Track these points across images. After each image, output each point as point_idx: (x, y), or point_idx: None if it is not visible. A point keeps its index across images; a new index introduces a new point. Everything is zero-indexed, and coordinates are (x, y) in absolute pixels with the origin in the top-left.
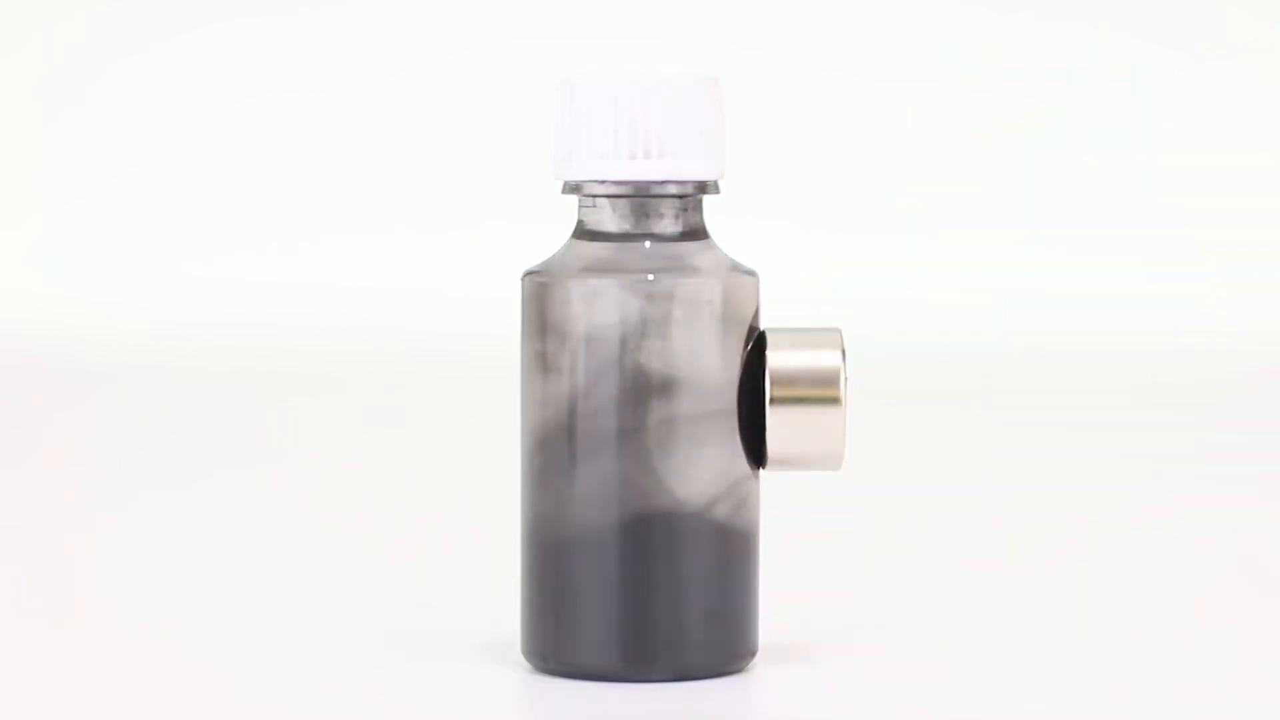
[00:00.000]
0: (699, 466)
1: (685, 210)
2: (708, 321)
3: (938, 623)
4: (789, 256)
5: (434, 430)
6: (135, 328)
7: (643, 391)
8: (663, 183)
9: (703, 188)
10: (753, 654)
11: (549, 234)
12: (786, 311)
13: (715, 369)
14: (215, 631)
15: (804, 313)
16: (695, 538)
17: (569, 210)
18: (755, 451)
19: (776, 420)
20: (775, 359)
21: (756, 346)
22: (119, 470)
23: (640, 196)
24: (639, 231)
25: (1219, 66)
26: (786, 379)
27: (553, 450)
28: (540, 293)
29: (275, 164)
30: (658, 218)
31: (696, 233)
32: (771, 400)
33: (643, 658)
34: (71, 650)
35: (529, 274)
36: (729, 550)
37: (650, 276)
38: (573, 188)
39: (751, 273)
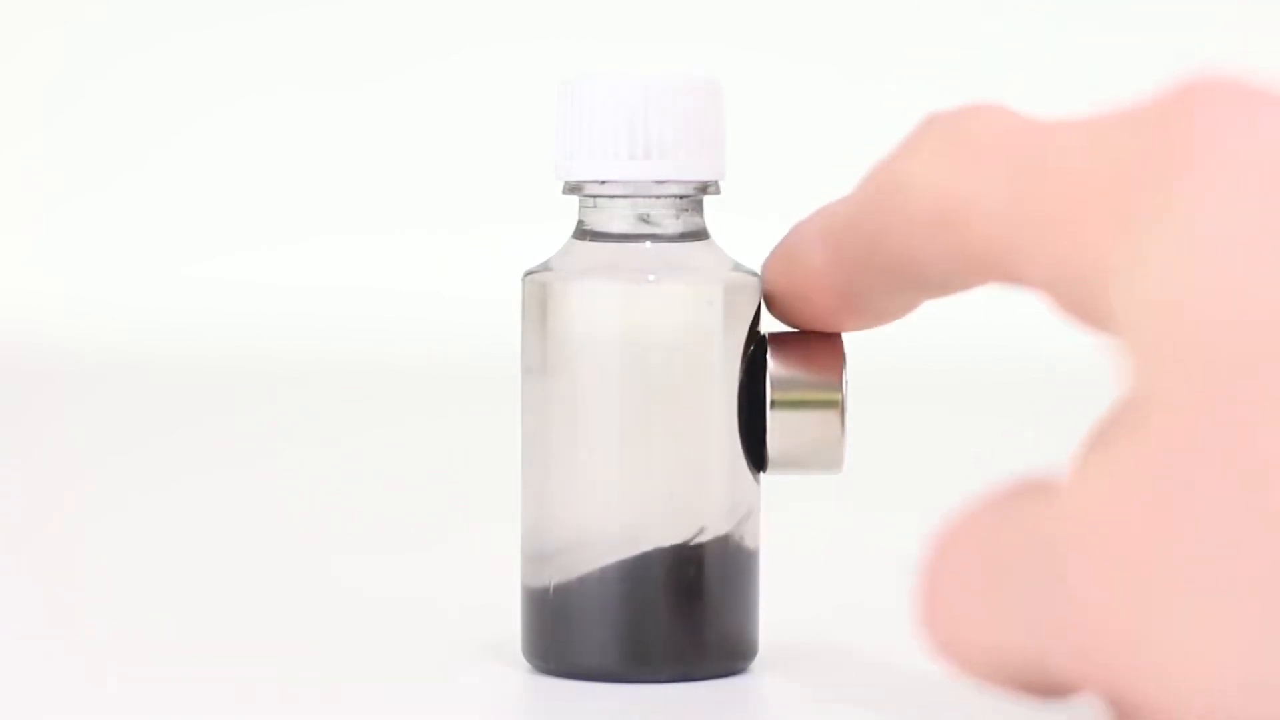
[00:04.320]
0: (700, 474)
1: (686, 210)
2: (709, 322)
3: None
4: None
5: (434, 430)
6: (135, 328)
7: (645, 393)
8: (664, 183)
9: (704, 188)
10: (753, 655)
11: (549, 234)
12: None
13: (717, 371)
14: (214, 630)
15: None
16: (697, 544)
17: (569, 210)
18: (756, 455)
19: (777, 423)
20: (776, 362)
21: (757, 349)
22: (118, 470)
23: (641, 197)
24: (640, 232)
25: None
26: (787, 383)
27: (554, 452)
28: (541, 293)
29: (275, 164)
30: (659, 218)
31: (697, 233)
32: (772, 404)
33: (643, 659)
34: (69, 650)
35: (529, 274)
36: (730, 553)
37: (651, 277)
38: (573, 188)
39: (753, 273)
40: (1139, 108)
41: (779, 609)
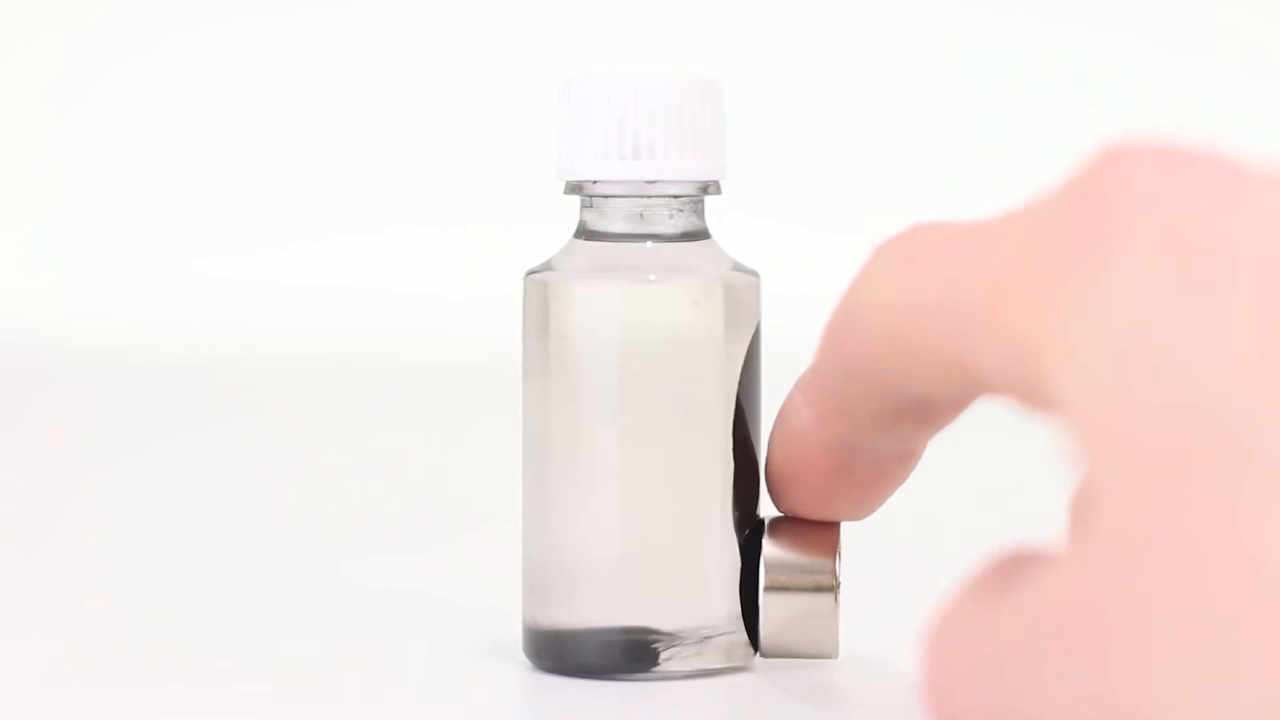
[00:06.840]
0: (702, 473)
1: (682, 210)
2: (709, 322)
3: None
4: (790, 256)
5: (435, 431)
6: (135, 328)
7: (645, 392)
8: (655, 183)
9: (704, 188)
10: (753, 654)
11: (550, 234)
12: (788, 312)
13: (717, 370)
14: (215, 630)
15: (805, 313)
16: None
17: (570, 210)
18: (752, 637)
19: (770, 607)
20: (771, 546)
21: (754, 533)
22: (118, 471)
23: (641, 197)
24: (640, 232)
25: (1218, 66)
26: (781, 567)
27: (554, 453)
28: (542, 293)
29: (276, 164)
30: (659, 218)
31: (698, 233)
32: (766, 588)
33: (643, 657)
34: (72, 651)
35: (530, 274)
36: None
37: (651, 277)
38: (574, 188)
39: (753, 273)
40: (1064, 185)
41: None
